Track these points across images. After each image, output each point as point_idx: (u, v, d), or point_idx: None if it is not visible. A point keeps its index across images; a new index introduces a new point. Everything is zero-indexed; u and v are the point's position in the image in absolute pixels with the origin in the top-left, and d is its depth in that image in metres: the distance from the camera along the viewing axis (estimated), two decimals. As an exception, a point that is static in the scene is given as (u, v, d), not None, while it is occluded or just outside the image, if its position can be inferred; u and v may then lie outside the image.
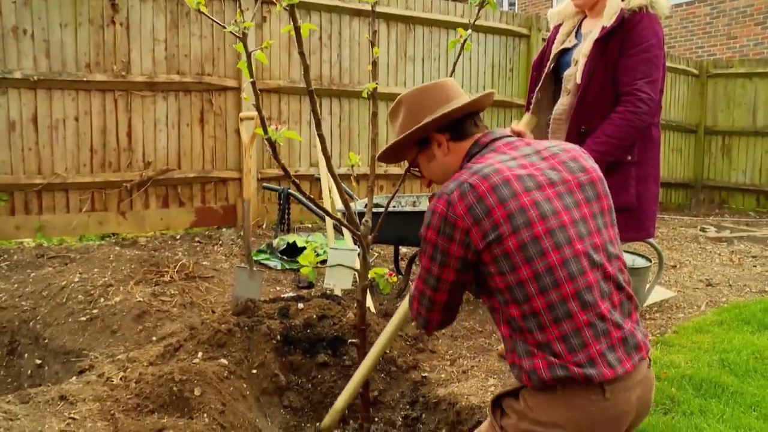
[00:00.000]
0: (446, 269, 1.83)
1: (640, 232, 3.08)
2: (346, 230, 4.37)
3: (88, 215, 6.16)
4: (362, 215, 2.68)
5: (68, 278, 4.40)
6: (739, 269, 6.31)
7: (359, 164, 2.72)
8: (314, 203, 2.47)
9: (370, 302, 4.21)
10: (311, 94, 2.31)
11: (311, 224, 7.28)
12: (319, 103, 2.02)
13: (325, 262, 4.70)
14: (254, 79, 2.11)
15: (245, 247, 3.97)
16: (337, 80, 7.47)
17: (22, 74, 5.70)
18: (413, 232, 4.42)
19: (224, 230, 6.66)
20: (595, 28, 3.05)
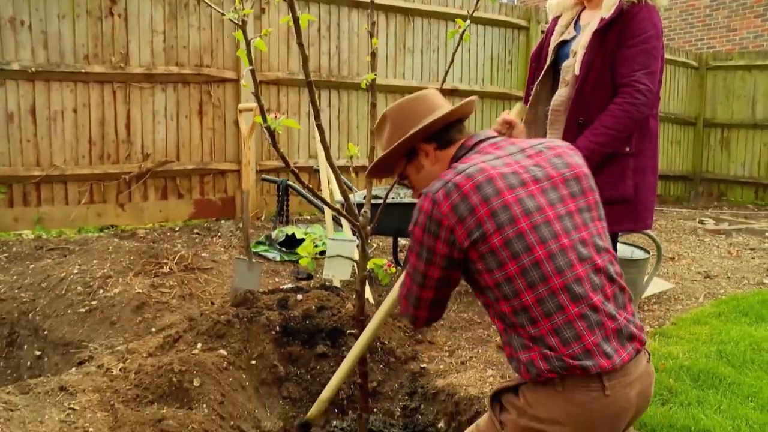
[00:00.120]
0: (432, 267, 1.86)
1: (637, 223, 3.08)
2: (344, 221, 4.38)
3: (86, 207, 6.16)
4: (361, 206, 2.68)
5: (67, 270, 4.41)
6: (737, 261, 6.32)
7: (358, 155, 2.72)
8: (313, 193, 2.47)
9: (368, 293, 4.22)
10: (310, 85, 2.31)
11: (310, 216, 7.29)
12: (317, 95, 2.02)
13: (323, 253, 4.70)
14: (253, 67, 2.11)
15: (244, 238, 3.98)
16: (335, 72, 7.46)
17: (20, 66, 5.69)
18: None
19: (223, 222, 6.67)
20: (593, 19, 3.04)
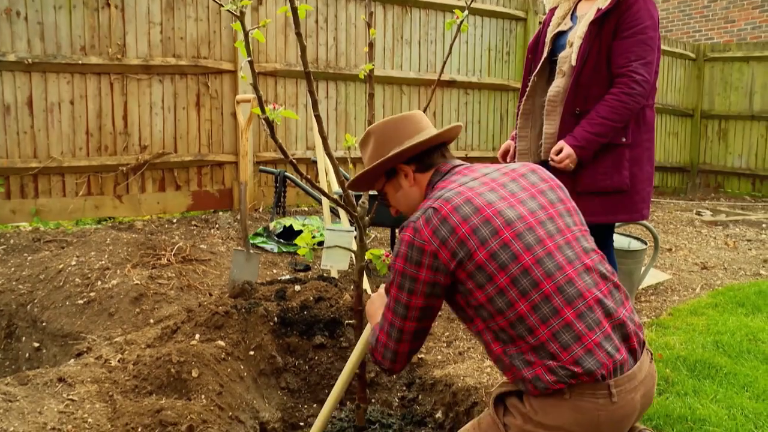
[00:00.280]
0: (414, 296, 1.87)
1: (633, 213, 3.08)
2: (342, 212, 4.38)
3: (84, 199, 6.15)
4: (359, 197, 2.68)
5: (65, 262, 4.41)
6: (734, 252, 6.34)
7: (356, 146, 2.72)
8: (311, 184, 2.48)
9: (366, 284, 4.23)
10: (308, 75, 2.31)
11: (307, 207, 7.29)
12: (315, 86, 2.01)
13: (321, 244, 4.71)
14: (251, 58, 2.10)
15: (242, 230, 3.98)
16: (333, 63, 7.44)
17: (16, 57, 5.67)
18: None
19: (221, 214, 6.66)
20: (590, 10, 3.04)
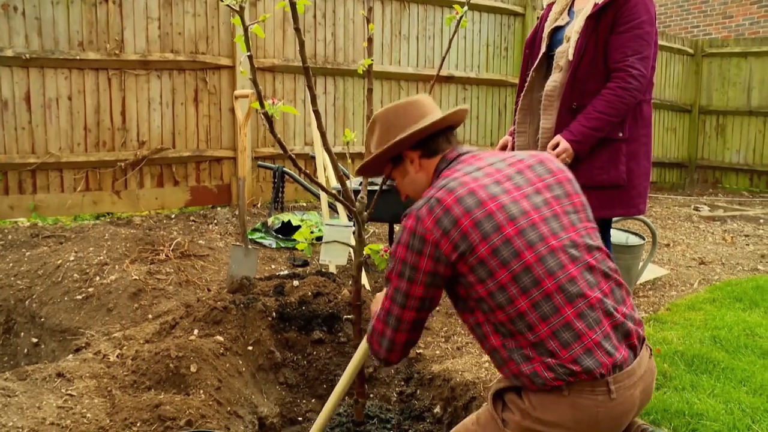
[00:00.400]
0: (414, 285, 1.86)
1: (630, 208, 3.08)
2: (341, 208, 4.38)
3: (82, 195, 6.14)
4: (357, 193, 2.69)
5: (63, 257, 4.41)
6: (731, 248, 6.35)
7: (354, 141, 2.72)
8: (310, 179, 2.48)
9: (365, 279, 4.23)
10: (307, 70, 2.31)
11: (306, 203, 7.29)
12: (313, 81, 2.01)
13: (320, 239, 4.71)
14: (251, 53, 2.10)
15: (240, 225, 3.98)
16: (331, 59, 7.43)
17: (13, 52, 5.65)
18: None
19: (219, 209, 6.66)
20: (587, 5, 3.04)
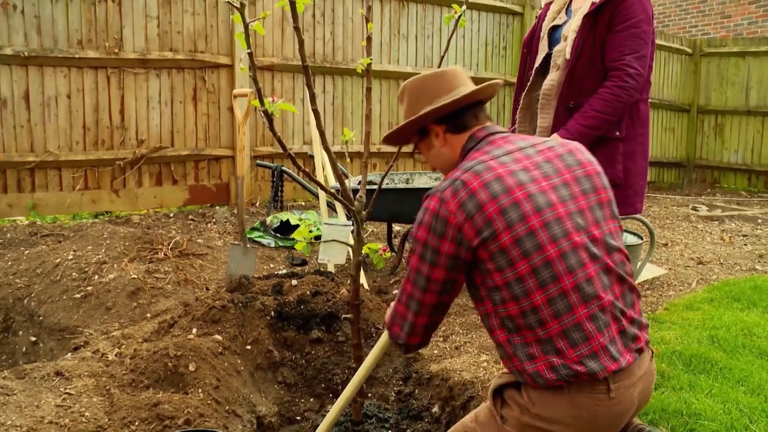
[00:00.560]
0: (436, 268, 1.81)
1: (626, 207, 3.08)
2: (339, 207, 4.38)
3: (81, 193, 6.14)
4: (356, 192, 2.69)
5: (62, 256, 4.40)
6: (729, 248, 6.35)
7: (353, 140, 2.72)
8: (309, 178, 2.48)
9: (363, 278, 4.24)
10: (306, 69, 2.31)
11: (304, 202, 7.29)
12: (312, 80, 2.00)
13: (318, 238, 4.71)
14: (251, 50, 2.10)
15: (239, 224, 3.98)
16: (330, 58, 7.43)
17: (12, 50, 5.65)
18: (406, 209, 4.45)
19: (217, 208, 6.66)
20: (584, 4, 3.04)
